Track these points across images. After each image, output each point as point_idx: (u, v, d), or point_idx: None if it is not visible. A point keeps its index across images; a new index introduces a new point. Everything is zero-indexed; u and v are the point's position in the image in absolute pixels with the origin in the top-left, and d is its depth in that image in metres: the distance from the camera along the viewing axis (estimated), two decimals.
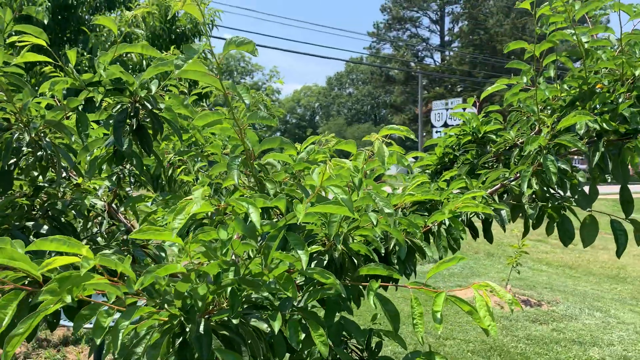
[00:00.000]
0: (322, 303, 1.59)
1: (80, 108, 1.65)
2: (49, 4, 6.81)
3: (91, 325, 3.21)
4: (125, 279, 0.95)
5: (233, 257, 1.14)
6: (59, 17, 7.10)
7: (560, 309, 7.10)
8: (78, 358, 5.14)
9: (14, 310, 0.86)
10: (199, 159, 2.50)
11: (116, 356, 1.17)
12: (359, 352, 1.82)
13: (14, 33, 1.57)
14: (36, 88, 1.60)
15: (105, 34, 6.94)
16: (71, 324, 3.45)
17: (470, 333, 6.06)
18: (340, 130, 58.70)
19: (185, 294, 1.02)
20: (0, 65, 1.42)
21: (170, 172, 2.54)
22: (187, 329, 1.03)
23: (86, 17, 7.20)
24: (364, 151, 1.26)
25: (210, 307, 1.15)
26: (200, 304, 1.00)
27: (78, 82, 1.45)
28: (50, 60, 1.43)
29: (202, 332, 1.00)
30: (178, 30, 7.60)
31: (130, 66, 6.38)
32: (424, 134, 34.40)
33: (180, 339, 1.04)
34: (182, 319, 1.03)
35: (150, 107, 1.46)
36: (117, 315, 1.06)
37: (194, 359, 1.02)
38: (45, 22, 1.51)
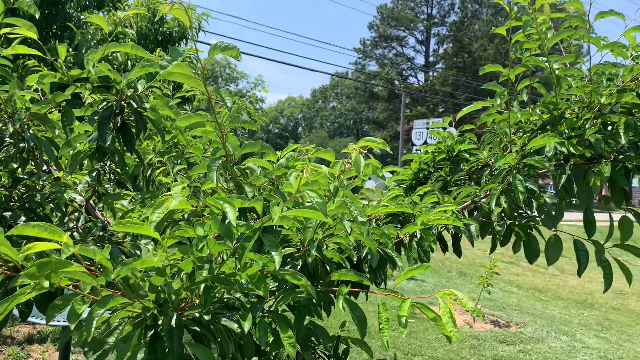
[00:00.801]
0: (292, 309, 1.63)
1: (64, 103, 1.67)
2: None
3: (58, 323, 3.16)
4: (101, 270, 0.98)
5: (208, 256, 1.18)
6: (47, 12, 7.06)
7: (528, 331, 7.22)
8: (43, 357, 5.05)
9: None
10: (179, 160, 2.53)
11: (86, 346, 1.19)
12: (326, 359, 1.86)
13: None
14: (18, 80, 1.62)
15: (91, 32, 6.93)
16: (38, 320, 3.40)
17: (438, 350, 6.12)
18: (322, 143, 58.93)
19: (159, 287, 1.05)
20: None
21: (149, 172, 2.56)
22: (159, 322, 1.05)
23: (74, 13, 7.17)
24: (341, 160, 1.31)
25: (183, 303, 1.18)
26: (173, 297, 1.03)
27: (66, 77, 1.48)
28: (40, 54, 1.45)
29: (174, 326, 1.03)
30: (165, 32, 7.61)
31: (115, 65, 6.37)
32: (404, 151, 34.73)
33: (152, 332, 1.07)
34: (155, 311, 1.05)
35: (135, 106, 1.49)
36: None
37: (164, 351, 1.05)
38: (37, 16, 1.54)
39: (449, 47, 51.62)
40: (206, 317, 1.10)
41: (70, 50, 6.44)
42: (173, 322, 1.03)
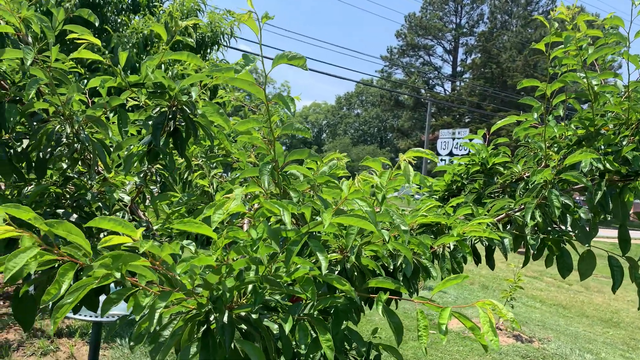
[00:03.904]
0: (324, 314, 1.67)
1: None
2: (77, 1, 6.98)
3: (85, 318, 3.26)
4: (164, 265, 1.04)
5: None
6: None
7: (552, 347, 7.12)
8: (71, 351, 5.18)
9: (71, 279, 0.94)
10: (215, 164, 2.60)
11: (133, 341, 1.25)
12: None
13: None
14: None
15: (127, 35, 7.11)
16: (72, 315, 3.50)
17: None
18: (345, 150, 58.96)
19: (213, 285, 1.10)
20: (52, 61, 1.52)
21: (186, 175, 2.64)
22: (212, 318, 1.11)
23: (111, 17, 7.37)
24: (389, 170, 1.35)
25: (231, 302, 1.23)
26: (227, 295, 1.08)
27: (124, 82, 1.55)
28: (102, 59, 1.53)
29: (226, 322, 1.08)
30: (199, 37, 7.75)
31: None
32: (429, 161, 34.60)
33: (204, 327, 1.12)
34: (210, 308, 1.11)
35: (188, 112, 1.55)
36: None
37: (215, 347, 1.10)
38: (97, 24, 1.62)
39: (477, 57, 51.25)
40: (254, 316, 1.15)
41: (107, 53, 6.61)
42: (225, 319, 1.08)
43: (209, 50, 8.32)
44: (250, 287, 1.16)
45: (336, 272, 1.54)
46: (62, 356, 5.11)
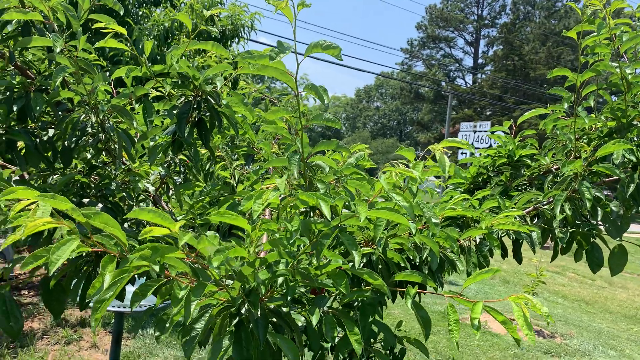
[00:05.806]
0: (348, 307, 1.65)
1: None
2: None
3: (108, 308, 3.29)
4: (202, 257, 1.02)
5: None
6: (107, 7, 7.32)
7: (574, 343, 7.01)
8: (94, 340, 5.26)
9: (112, 272, 0.93)
10: (236, 155, 2.59)
11: (158, 330, 1.24)
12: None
13: None
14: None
15: (149, 27, 7.14)
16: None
17: (481, 357, 6.04)
18: (364, 143, 58.65)
19: (245, 277, 1.09)
20: (79, 50, 1.52)
21: (208, 166, 2.64)
22: (243, 310, 1.09)
23: (132, 9, 7.41)
24: (422, 162, 1.32)
25: (263, 295, 1.22)
26: (262, 288, 1.07)
27: (149, 72, 1.55)
28: (128, 48, 1.53)
29: (259, 315, 1.07)
30: (219, 30, 7.75)
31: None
32: (449, 154, 34.31)
33: (237, 320, 1.11)
34: (244, 300, 1.09)
35: (213, 102, 1.54)
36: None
37: (248, 339, 1.08)
38: (121, 13, 1.61)
39: (498, 49, 50.48)
40: (284, 309, 1.13)
41: (129, 44, 6.65)
42: (258, 312, 1.07)
43: (229, 43, 8.32)
44: (280, 279, 1.15)
45: (361, 265, 1.51)
46: (85, 345, 5.19)
